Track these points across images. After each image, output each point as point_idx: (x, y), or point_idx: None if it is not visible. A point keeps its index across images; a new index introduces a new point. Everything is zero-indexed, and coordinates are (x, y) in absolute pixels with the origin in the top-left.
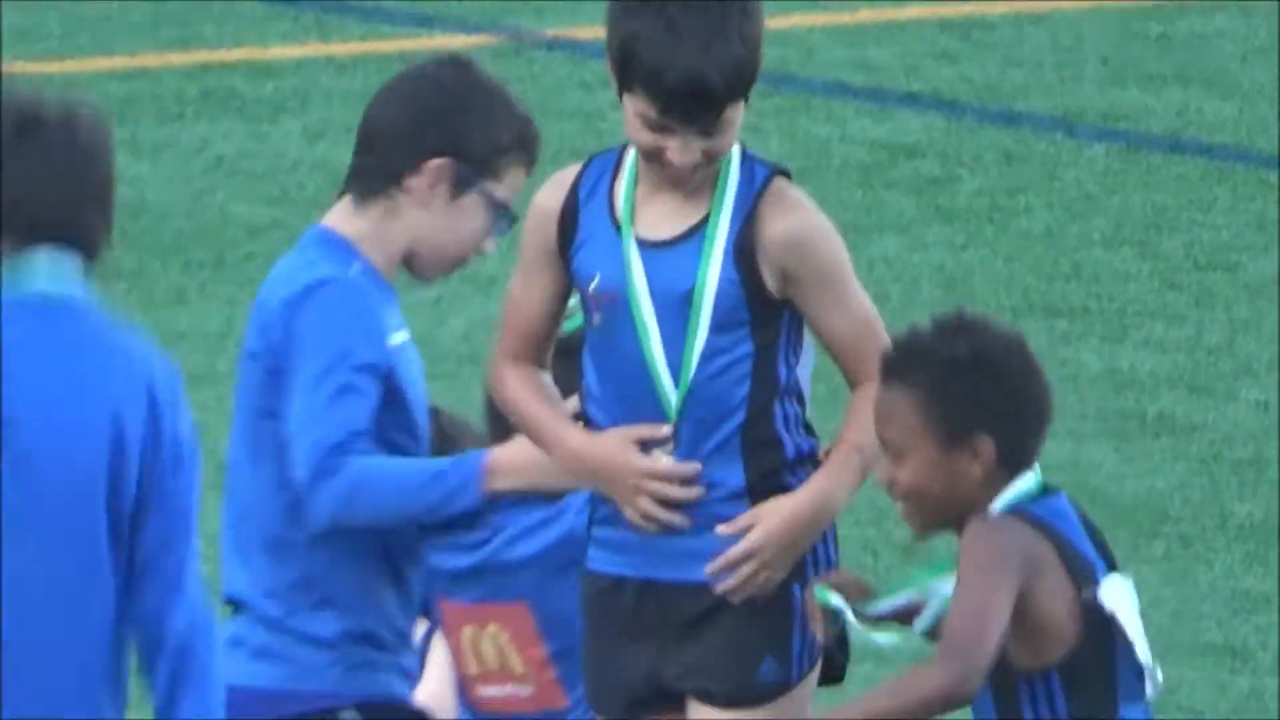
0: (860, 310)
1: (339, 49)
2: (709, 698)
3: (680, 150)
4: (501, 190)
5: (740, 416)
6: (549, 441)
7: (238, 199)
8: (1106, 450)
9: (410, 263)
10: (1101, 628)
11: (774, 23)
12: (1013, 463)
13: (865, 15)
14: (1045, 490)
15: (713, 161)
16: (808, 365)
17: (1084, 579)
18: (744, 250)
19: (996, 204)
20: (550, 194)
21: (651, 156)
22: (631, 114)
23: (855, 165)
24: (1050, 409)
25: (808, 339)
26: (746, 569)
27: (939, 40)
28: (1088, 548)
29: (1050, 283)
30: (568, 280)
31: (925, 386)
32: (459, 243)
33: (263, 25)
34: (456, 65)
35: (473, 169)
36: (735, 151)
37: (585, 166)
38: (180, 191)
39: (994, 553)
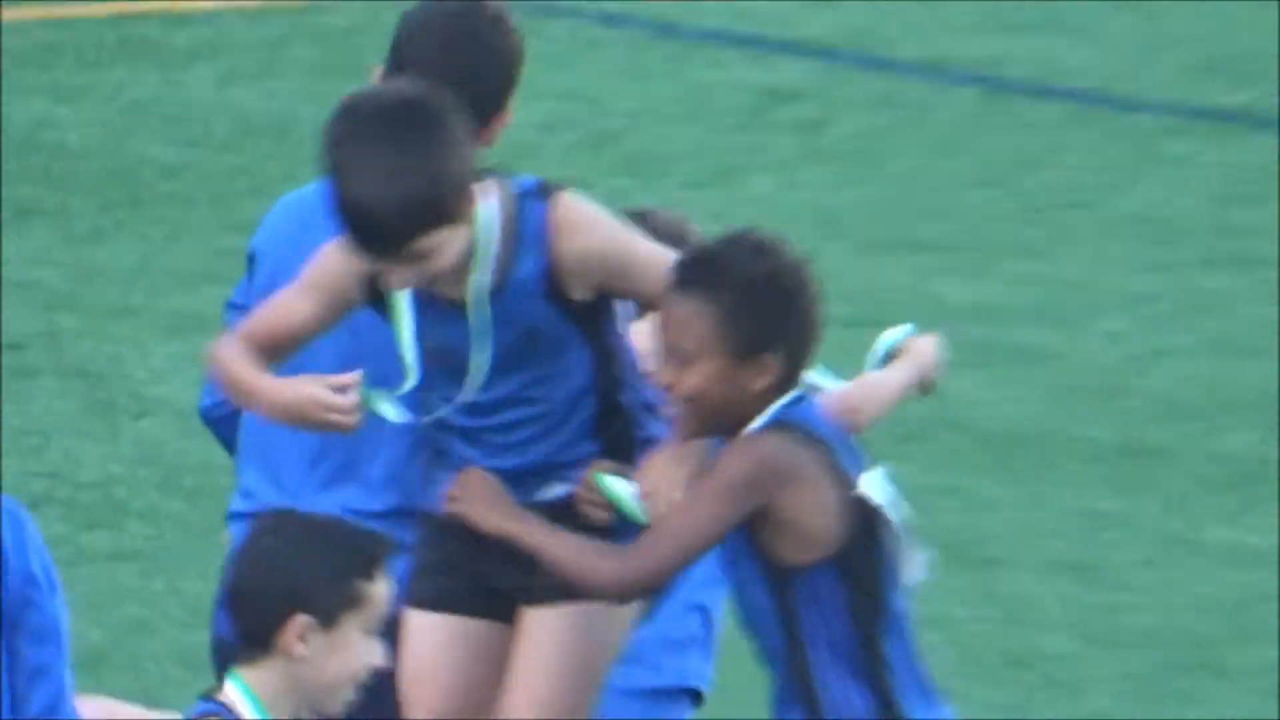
0: (658, 263)
1: (249, 1)
2: (537, 599)
3: (395, 276)
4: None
5: (591, 405)
6: (250, 390)
7: (153, 141)
8: (970, 379)
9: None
10: (869, 520)
11: None
12: (790, 381)
13: None
14: (799, 399)
15: (440, 272)
16: (626, 317)
17: (848, 477)
18: (553, 288)
19: (869, 145)
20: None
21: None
22: None
23: (736, 109)
24: (822, 333)
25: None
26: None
27: None
28: (847, 448)
29: (919, 220)
30: (334, 322)
31: (725, 302)
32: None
33: None
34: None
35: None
36: (492, 212)
37: None
38: (99, 134)
39: (738, 478)
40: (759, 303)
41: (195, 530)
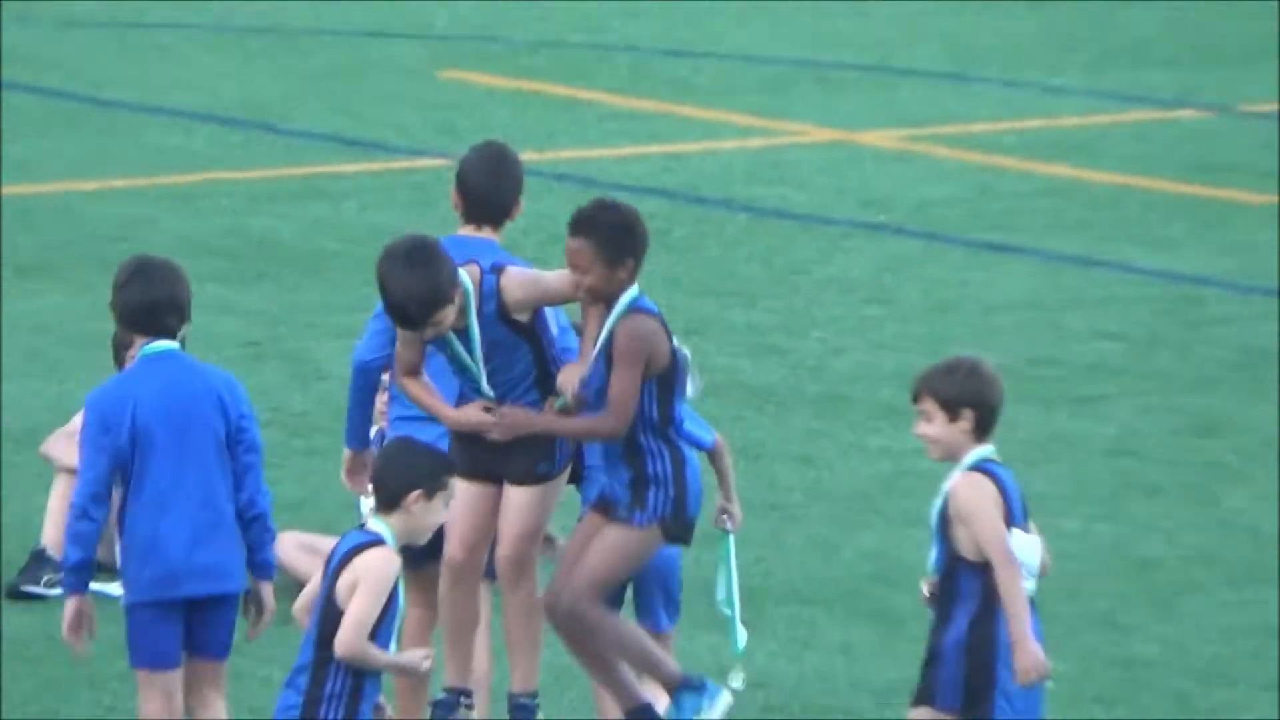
0: (558, 283)
1: None
2: (513, 480)
3: (426, 333)
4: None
5: (532, 377)
6: (439, 411)
7: None
8: None
9: None
10: (678, 367)
11: None
12: (637, 275)
13: None
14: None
15: (446, 329)
16: (556, 316)
17: (669, 331)
18: (503, 318)
19: None
20: None
21: None
22: None
23: None
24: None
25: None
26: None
27: None
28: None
29: None
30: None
31: (601, 236)
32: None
33: None
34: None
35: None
36: (472, 282)
37: None
38: None
39: (636, 347)
40: (620, 234)
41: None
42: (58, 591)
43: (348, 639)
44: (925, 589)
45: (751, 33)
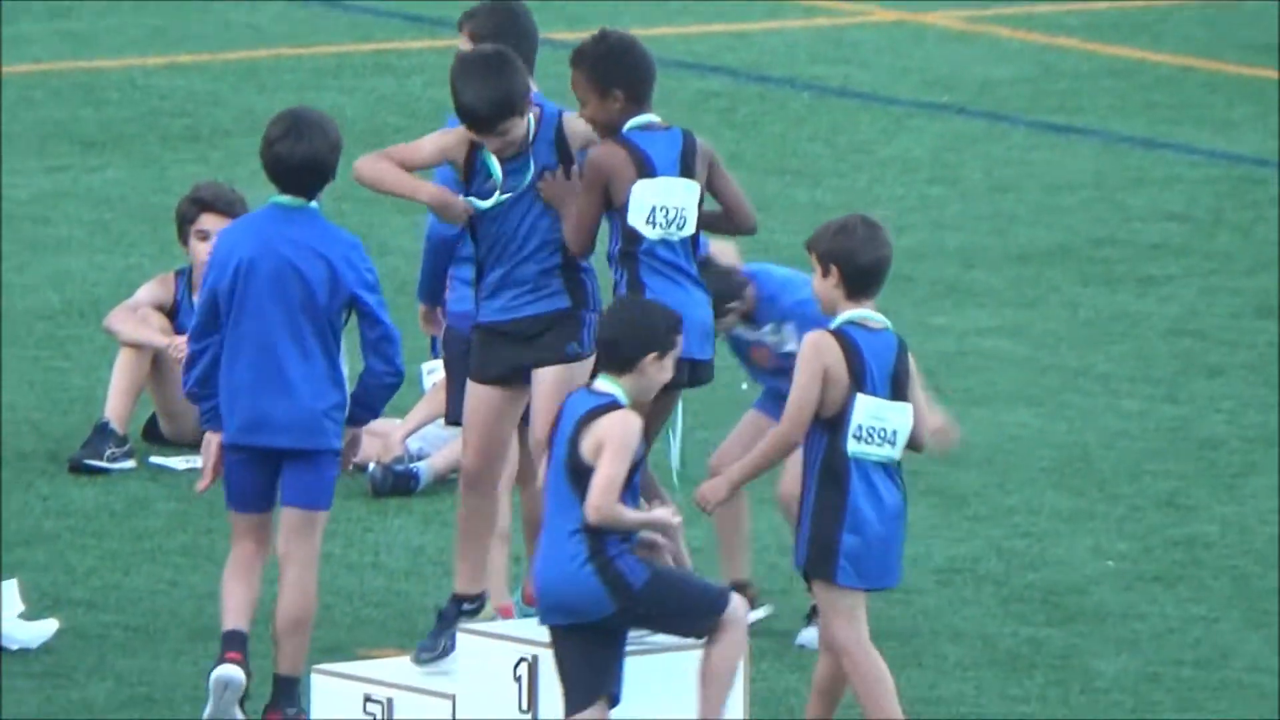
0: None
1: None
2: (541, 363)
3: (490, 143)
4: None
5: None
6: (409, 185)
7: None
8: None
9: None
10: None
11: None
12: (635, 105)
13: None
14: (647, 124)
15: (514, 141)
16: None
17: (649, 168)
18: (559, 141)
19: None
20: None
21: None
22: None
23: None
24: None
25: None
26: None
27: None
28: (664, 159)
29: None
30: (432, 166)
31: (589, 66)
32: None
33: None
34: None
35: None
36: (534, 113)
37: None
38: None
39: (592, 169)
40: (607, 65)
41: None
42: (120, 465)
43: (600, 502)
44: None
45: None
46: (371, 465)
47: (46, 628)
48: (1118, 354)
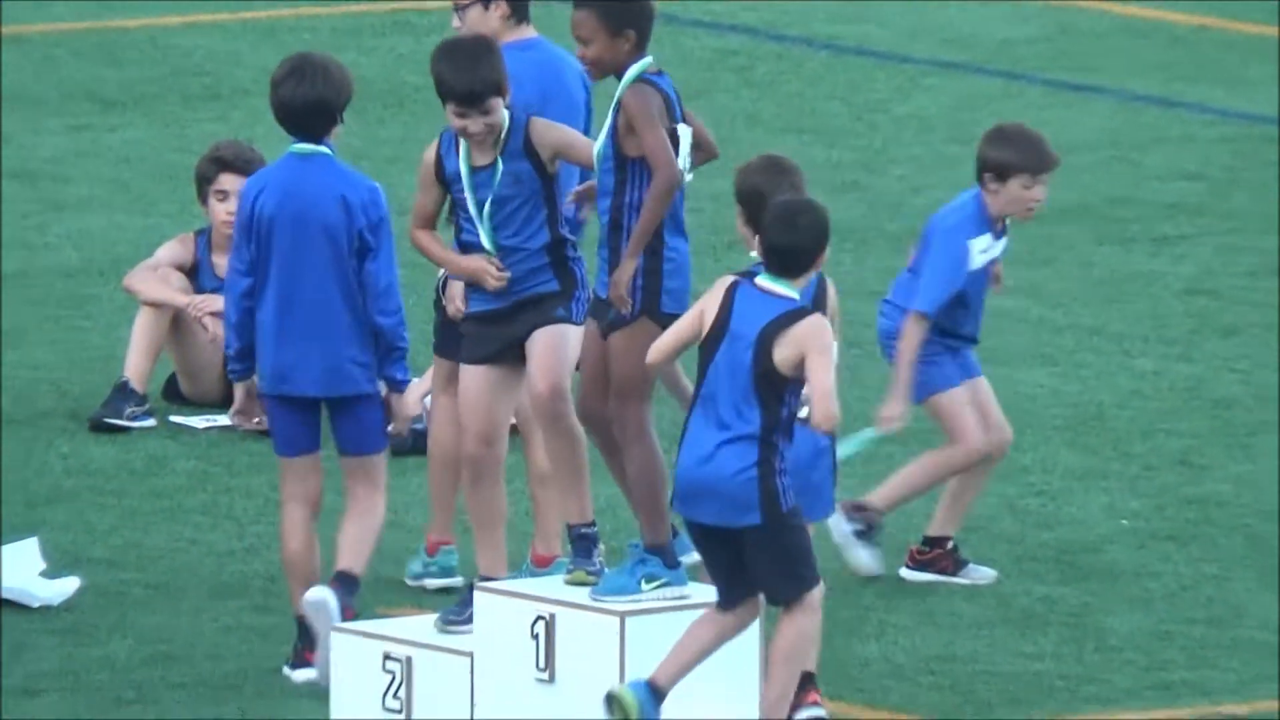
0: (583, 141)
1: None
2: (537, 327)
3: (471, 125)
4: None
5: (544, 236)
6: (443, 259)
7: None
8: None
9: None
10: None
11: None
12: (642, 48)
13: None
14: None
15: (495, 124)
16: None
17: (675, 113)
18: (528, 148)
19: None
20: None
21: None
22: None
23: None
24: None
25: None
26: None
27: None
28: (678, 101)
29: None
30: (444, 193)
31: (602, 6)
32: None
33: None
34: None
35: None
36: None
37: (440, 137)
38: None
39: (647, 106)
40: (616, 4)
41: None
42: (139, 424)
43: (831, 410)
44: None
45: None
46: (390, 426)
47: (68, 585)
48: (1132, 313)
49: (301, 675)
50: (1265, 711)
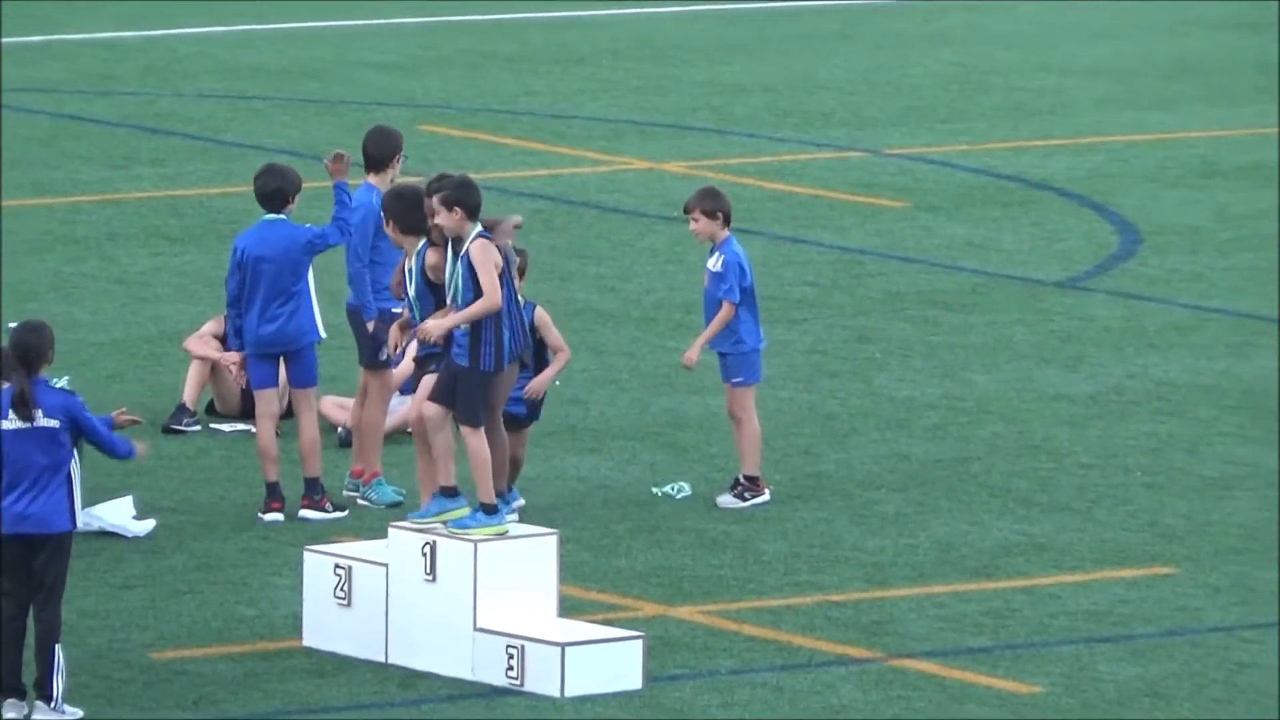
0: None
1: None
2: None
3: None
4: None
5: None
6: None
7: None
8: None
9: None
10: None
11: None
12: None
13: None
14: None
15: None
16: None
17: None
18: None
19: None
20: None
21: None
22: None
23: None
24: (480, 198)
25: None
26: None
27: None
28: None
29: None
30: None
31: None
32: None
33: None
34: None
35: None
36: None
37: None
38: None
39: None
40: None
41: None
42: (191, 429)
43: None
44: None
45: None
46: (339, 429)
47: (149, 524)
48: None
49: (269, 517)
50: None
